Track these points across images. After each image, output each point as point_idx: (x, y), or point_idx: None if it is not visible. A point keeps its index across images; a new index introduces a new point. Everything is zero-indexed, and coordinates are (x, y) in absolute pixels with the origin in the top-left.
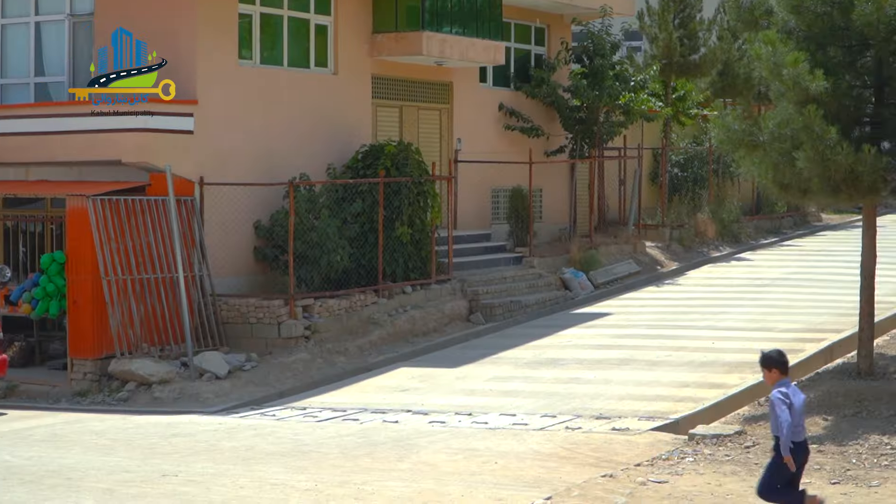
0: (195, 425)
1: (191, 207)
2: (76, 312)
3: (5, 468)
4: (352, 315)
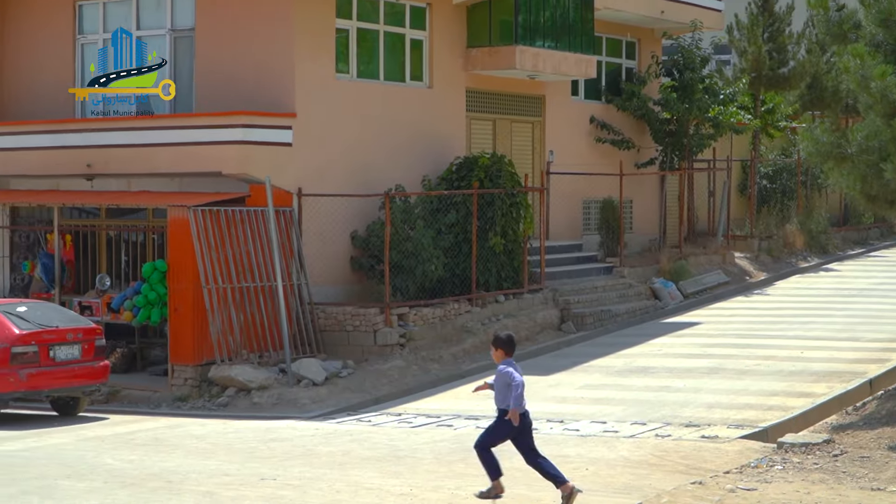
0: (293, 430)
1: (289, 218)
2: (177, 320)
3: (107, 472)
4: (446, 323)
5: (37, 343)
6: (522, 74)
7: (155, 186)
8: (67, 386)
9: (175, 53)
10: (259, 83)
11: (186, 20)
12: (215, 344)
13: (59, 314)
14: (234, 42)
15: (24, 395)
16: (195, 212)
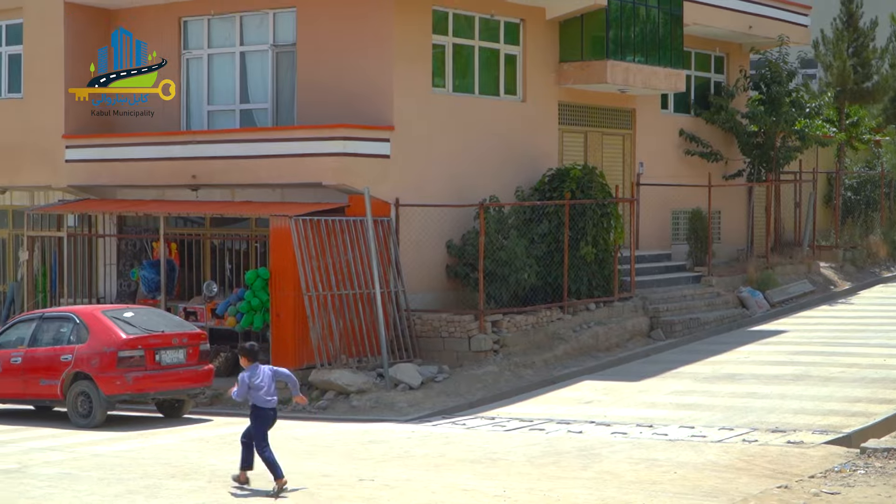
0: (390, 433)
1: (387, 227)
2: (279, 325)
3: (211, 472)
4: (538, 330)
5: (143, 347)
6: (613, 88)
7: (257, 197)
8: (172, 389)
9: (277, 68)
10: (358, 97)
11: (288, 36)
12: (315, 349)
13: (165, 319)
14: (333, 57)
15: (131, 397)
16: (296, 221)
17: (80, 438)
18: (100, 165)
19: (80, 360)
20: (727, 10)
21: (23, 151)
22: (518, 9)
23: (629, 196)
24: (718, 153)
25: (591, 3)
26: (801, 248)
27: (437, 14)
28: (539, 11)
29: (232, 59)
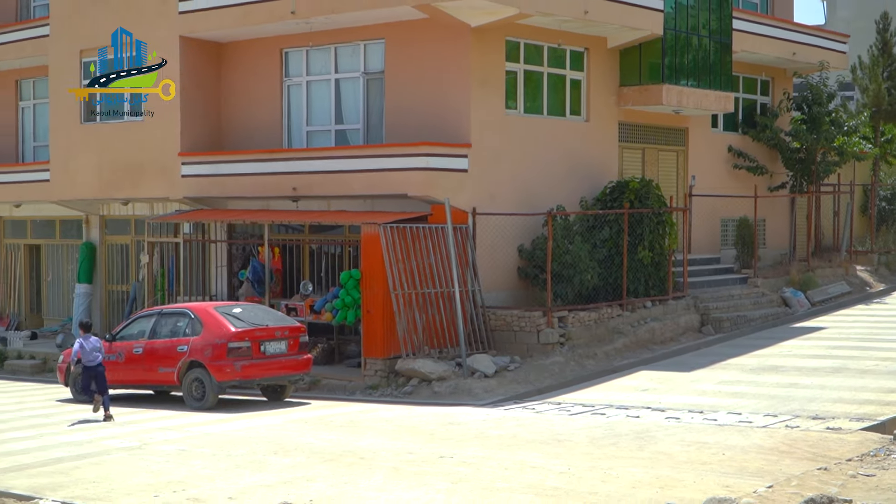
0: (467, 416)
1: (465, 233)
2: (369, 320)
3: (309, 449)
4: (599, 325)
5: (250, 339)
6: (668, 109)
7: (350, 206)
8: (275, 376)
9: (367, 93)
10: (439, 117)
11: (377, 65)
12: (401, 341)
13: (269, 315)
14: (417, 82)
15: (239, 383)
16: (385, 228)
17: (193, 419)
18: (211, 180)
19: (194, 351)
20: (773, 38)
21: (144, 168)
22: (582, 39)
23: (682, 206)
24: (764, 167)
25: (648, 34)
26: (839, 253)
27: (509, 44)
28: (601, 41)
29: (328, 85)
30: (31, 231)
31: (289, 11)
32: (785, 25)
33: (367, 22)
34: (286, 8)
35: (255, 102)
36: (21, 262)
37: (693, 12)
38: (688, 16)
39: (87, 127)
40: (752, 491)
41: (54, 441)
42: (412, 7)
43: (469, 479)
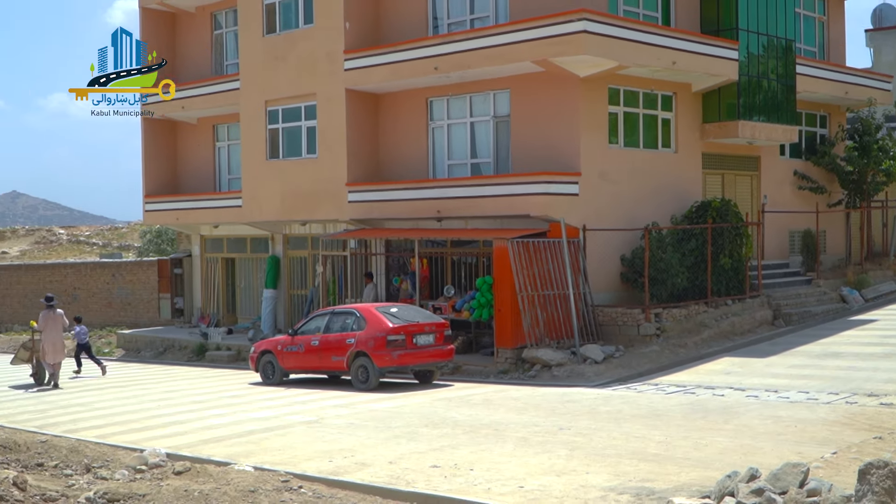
0: (581, 395)
1: (577, 246)
2: (500, 317)
3: (453, 422)
4: (689, 320)
5: (404, 333)
6: (743, 141)
7: (483, 225)
8: (425, 363)
9: (496, 132)
10: (554, 151)
11: (504, 109)
12: (526, 333)
13: (419, 313)
14: (537, 123)
15: (396, 369)
16: (512, 242)
17: (359, 398)
18: (372, 204)
19: (360, 343)
20: (829, 80)
21: (318, 195)
22: (671, 85)
23: (756, 220)
24: (823, 187)
25: (726, 79)
26: (888, 258)
27: (611, 90)
28: (686, 86)
29: (464, 127)
30: (227, 247)
31: (432, 68)
32: (839, 69)
33: (495, 75)
34: (430, 66)
35: (405, 141)
36: (219, 272)
37: (763, 60)
38: (758, 63)
39: (272, 162)
40: (819, 457)
41: (246, 417)
42: (532, 63)
43: (584, 447)
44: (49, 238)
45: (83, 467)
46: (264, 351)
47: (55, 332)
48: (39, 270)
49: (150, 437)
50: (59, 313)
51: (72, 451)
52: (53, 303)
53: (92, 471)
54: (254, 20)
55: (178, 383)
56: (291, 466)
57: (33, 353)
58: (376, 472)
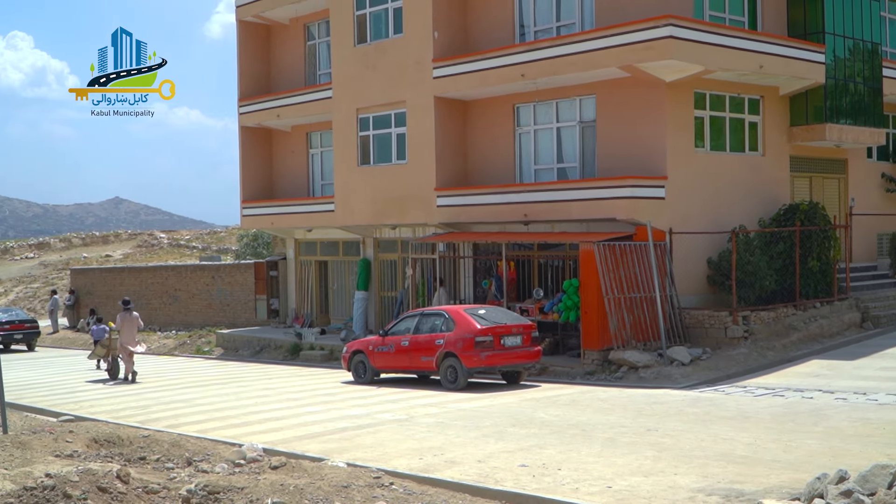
0: (668, 396)
1: (663, 249)
2: (587, 319)
3: (540, 422)
4: (777, 323)
5: (492, 334)
6: (830, 144)
7: (569, 228)
8: (512, 363)
9: (582, 137)
10: (640, 155)
11: (590, 115)
12: (613, 335)
13: (507, 315)
14: (622, 127)
15: (484, 369)
16: (598, 246)
17: (448, 398)
18: (460, 209)
19: (448, 343)
20: None
21: (407, 200)
22: (758, 89)
23: (844, 223)
24: None
25: (812, 82)
26: None
27: (697, 94)
28: (774, 90)
29: (550, 133)
30: (320, 250)
31: (519, 75)
32: None
33: (581, 81)
34: (517, 73)
35: (492, 147)
36: (312, 275)
37: (849, 63)
38: (845, 66)
39: (363, 168)
40: None
41: (339, 414)
42: (618, 68)
43: (671, 448)
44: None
45: (184, 461)
46: (356, 351)
47: (131, 331)
48: (142, 273)
49: (248, 432)
50: (135, 315)
51: (173, 446)
52: (130, 306)
53: (193, 464)
54: (345, 31)
55: (274, 381)
56: (383, 463)
57: (109, 350)
58: (465, 470)
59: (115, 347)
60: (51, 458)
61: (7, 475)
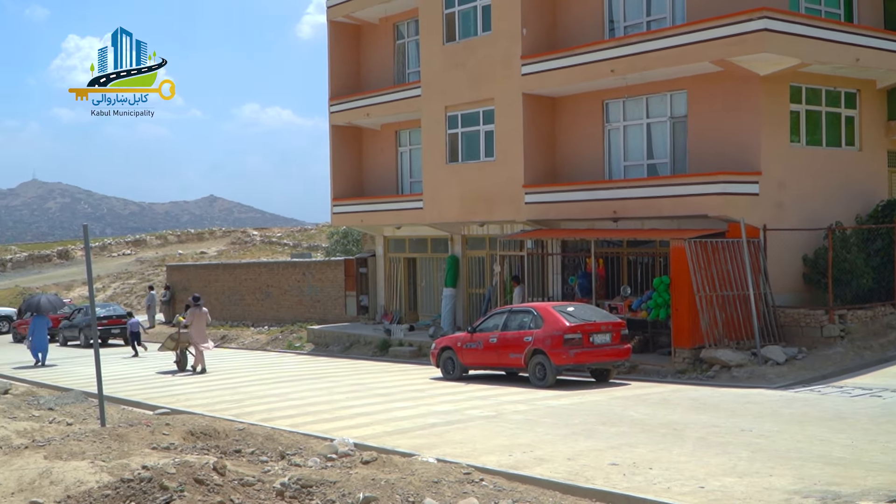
0: (762, 396)
1: (757, 246)
2: (678, 317)
3: (630, 420)
4: (875, 322)
5: (581, 332)
6: None
7: (659, 225)
8: (601, 361)
9: (673, 133)
10: (733, 151)
11: (681, 110)
12: (704, 334)
13: (596, 312)
14: (714, 123)
15: (572, 367)
16: (689, 243)
17: (537, 395)
18: (548, 206)
19: (537, 341)
20: None
21: (495, 197)
22: (854, 82)
23: None
24: None
25: None
26: None
27: (793, 88)
28: (871, 83)
29: (640, 129)
30: (408, 247)
31: (609, 71)
32: None
33: (672, 76)
34: (606, 68)
35: (581, 143)
36: (401, 271)
37: None
38: None
39: (451, 166)
40: None
41: (428, 410)
42: (710, 62)
43: (766, 449)
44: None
45: (278, 454)
46: (445, 347)
47: (201, 326)
48: (236, 269)
49: (339, 427)
50: (205, 311)
51: (267, 439)
52: (200, 302)
53: (286, 458)
54: (434, 29)
55: (363, 377)
56: (472, 459)
57: (178, 343)
58: (555, 467)
59: (183, 341)
60: (148, 451)
61: (105, 467)
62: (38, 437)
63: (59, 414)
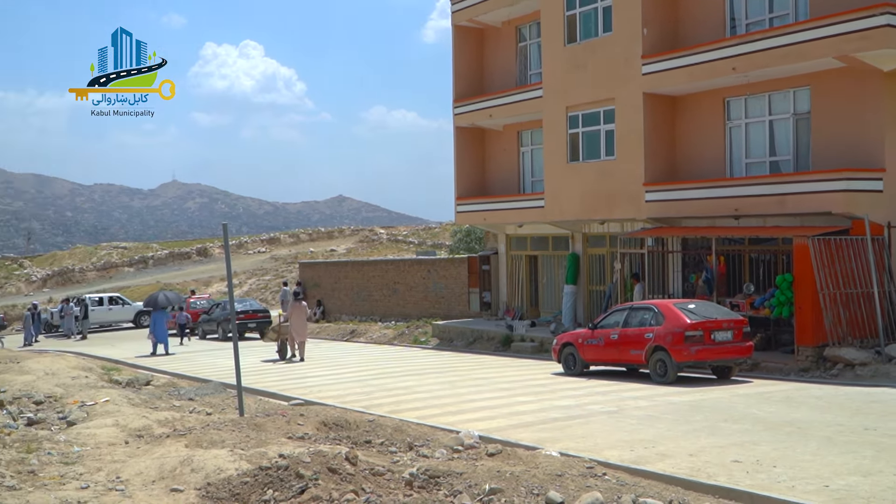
0: (887, 395)
1: (881, 244)
2: (801, 315)
3: (753, 418)
4: None
5: (702, 329)
6: None
7: (781, 223)
8: (722, 359)
9: (796, 130)
10: (856, 147)
11: (804, 107)
12: (828, 332)
13: (717, 310)
14: (837, 119)
15: (693, 364)
16: (813, 240)
17: (658, 391)
18: (668, 203)
19: (658, 337)
20: None
21: (615, 195)
22: None
23: None
24: None
25: None
26: None
27: None
28: None
29: (762, 126)
30: (530, 245)
31: (730, 69)
32: None
33: (793, 73)
34: (728, 66)
35: (701, 141)
36: (523, 269)
37: None
38: None
39: (572, 165)
40: None
41: (550, 405)
42: (833, 58)
43: (891, 448)
44: (371, 237)
45: (406, 445)
46: (566, 343)
47: (300, 318)
48: (364, 266)
49: (463, 419)
50: (304, 305)
51: (396, 431)
52: (300, 296)
53: (414, 449)
54: (556, 31)
55: (486, 371)
56: (594, 454)
57: (280, 334)
58: (677, 463)
59: (284, 332)
60: (284, 440)
61: (243, 455)
62: (178, 426)
63: (198, 404)
